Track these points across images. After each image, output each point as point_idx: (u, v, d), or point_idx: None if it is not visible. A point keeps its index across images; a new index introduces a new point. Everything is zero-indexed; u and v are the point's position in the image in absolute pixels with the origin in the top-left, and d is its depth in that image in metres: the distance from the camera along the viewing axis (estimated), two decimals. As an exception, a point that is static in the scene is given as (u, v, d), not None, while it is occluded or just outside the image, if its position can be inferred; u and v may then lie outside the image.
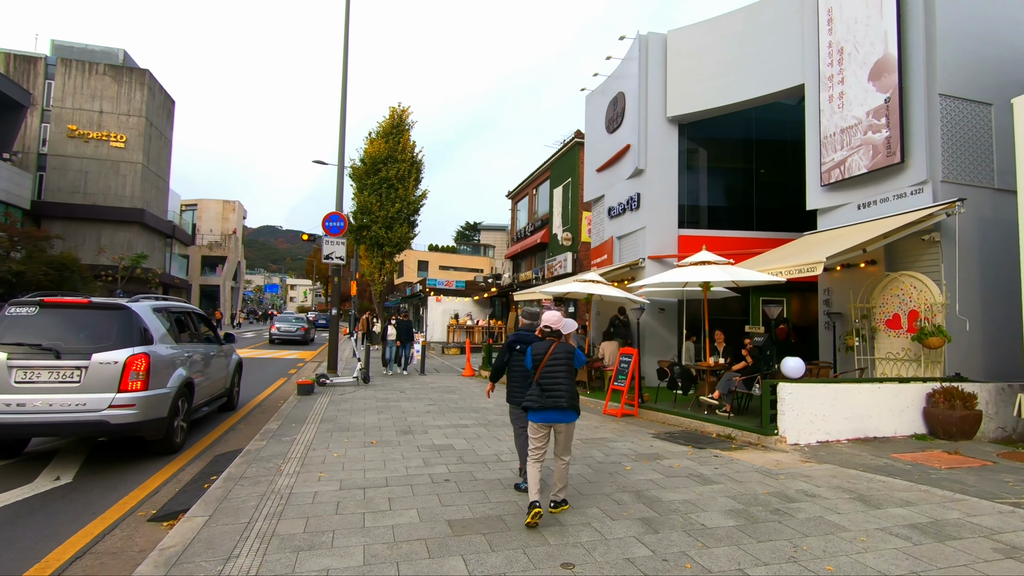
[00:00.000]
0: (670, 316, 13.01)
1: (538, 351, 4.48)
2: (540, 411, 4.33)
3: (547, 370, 4.37)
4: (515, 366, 4.97)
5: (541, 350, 4.46)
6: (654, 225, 13.08)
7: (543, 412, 4.33)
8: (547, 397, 4.30)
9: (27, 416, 5.43)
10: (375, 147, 27.51)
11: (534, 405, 4.35)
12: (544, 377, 4.36)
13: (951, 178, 8.73)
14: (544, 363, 4.38)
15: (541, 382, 4.35)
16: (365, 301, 67.96)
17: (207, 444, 7.07)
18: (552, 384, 4.34)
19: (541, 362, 4.40)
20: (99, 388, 5.63)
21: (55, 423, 5.53)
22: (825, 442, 7.09)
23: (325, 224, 12.78)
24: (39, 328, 5.81)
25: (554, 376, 4.36)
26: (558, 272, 22.59)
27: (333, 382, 11.90)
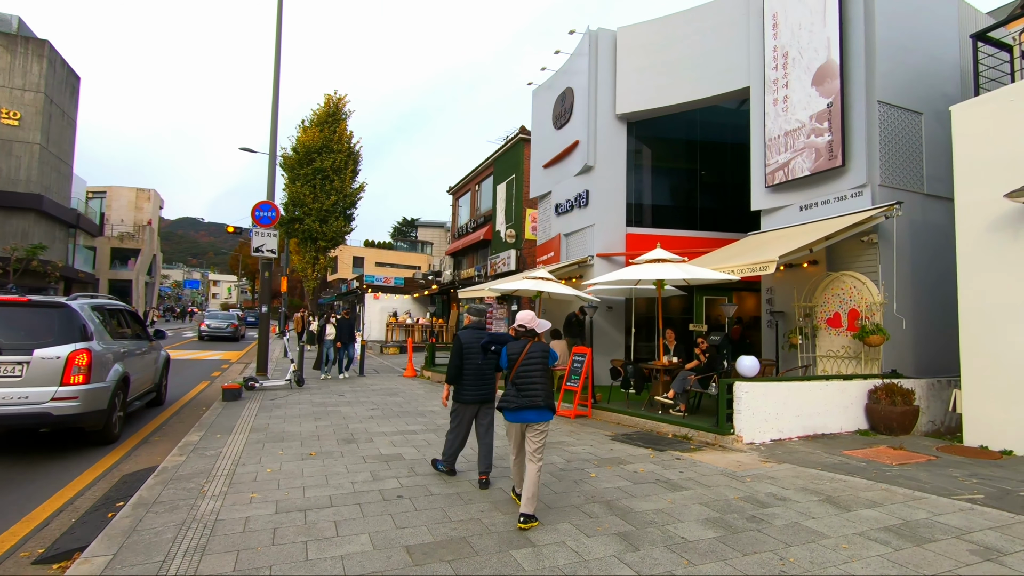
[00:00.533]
0: (618, 314, 12.95)
1: (513, 350, 4.46)
2: (516, 411, 4.29)
3: (523, 369, 4.35)
4: (468, 364, 4.98)
5: (516, 349, 4.45)
6: (603, 222, 12.97)
7: (519, 412, 4.28)
8: (523, 396, 4.27)
9: None
10: (309, 136, 26.10)
11: (510, 405, 4.29)
12: (520, 376, 4.34)
13: (887, 182, 9.09)
14: (520, 362, 4.37)
15: (516, 381, 4.33)
16: (296, 298, 64.95)
17: (115, 460, 6.14)
18: (528, 383, 4.31)
19: (517, 361, 4.38)
20: (41, 382, 5.92)
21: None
22: (778, 440, 7.12)
23: (255, 214, 11.76)
24: None
25: (529, 375, 4.33)
26: (501, 270, 22.25)
27: (263, 385, 10.94)
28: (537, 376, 4.33)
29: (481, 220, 26.25)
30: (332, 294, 39.77)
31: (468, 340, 5.05)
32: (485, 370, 5.07)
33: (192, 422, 7.88)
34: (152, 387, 8.96)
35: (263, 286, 12.12)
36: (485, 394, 5.10)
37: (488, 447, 5.16)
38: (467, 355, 5.01)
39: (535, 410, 4.26)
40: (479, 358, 5.01)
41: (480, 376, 5.04)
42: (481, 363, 5.03)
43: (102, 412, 6.40)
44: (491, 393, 5.16)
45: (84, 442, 6.69)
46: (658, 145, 14.09)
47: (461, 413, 5.12)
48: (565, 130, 14.51)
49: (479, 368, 5.02)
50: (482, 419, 5.18)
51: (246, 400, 9.61)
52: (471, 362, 5.00)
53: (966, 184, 7.20)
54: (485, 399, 5.12)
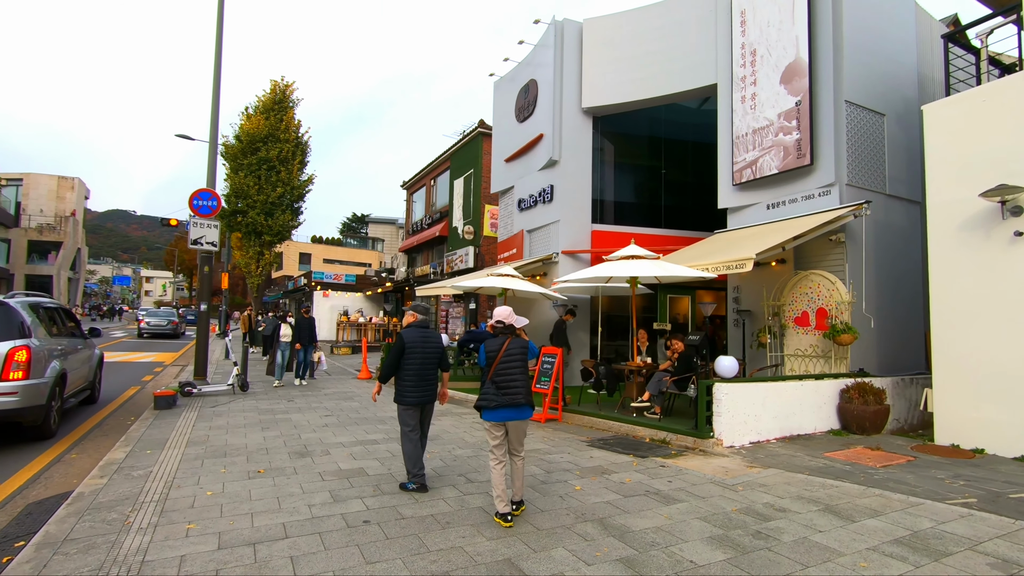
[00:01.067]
0: (583, 313, 12.64)
1: (491, 348, 4.34)
2: (497, 410, 4.20)
3: (502, 367, 4.26)
4: (409, 363, 4.80)
5: (495, 347, 4.33)
6: (568, 219, 12.63)
7: (500, 411, 4.20)
8: (504, 395, 4.18)
9: None
10: (253, 124, 24.60)
11: (490, 404, 4.19)
12: (499, 375, 4.24)
13: (854, 182, 9.13)
14: (499, 360, 4.27)
15: (496, 380, 4.23)
16: (238, 296, 61.82)
17: (20, 483, 5.22)
18: (508, 381, 4.22)
19: (496, 359, 4.28)
20: None
21: None
22: (757, 442, 6.93)
23: (193, 203, 10.70)
24: None
25: (509, 373, 4.25)
26: (459, 267, 21.64)
27: (202, 391, 9.95)
28: (517, 373, 4.25)
29: (437, 216, 25.52)
30: (278, 292, 37.94)
31: (411, 339, 4.84)
32: (428, 369, 4.88)
33: (117, 435, 6.94)
34: (87, 384, 8.91)
35: (202, 282, 11.07)
36: (429, 394, 4.92)
37: (424, 446, 5.02)
38: (409, 354, 4.79)
39: (515, 408, 4.20)
40: (421, 357, 4.83)
41: (423, 376, 4.84)
42: (423, 362, 4.83)
43: (41, 407, 6.53)
44: (435, 393, 5.00)
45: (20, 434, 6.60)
46: (623, 141, 13.88)
47: (409, 416, 4.87)
48: (529, 123, 14.09)
49: (421, 368, 4.82)
50: (425, 420, 5.02)
51: (182, 408, 8.66)
52: (412, 362, 4.79)
53: (938, 184, 7.23)
54: (429, 399, 4.94)
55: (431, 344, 4.93)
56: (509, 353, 4.29)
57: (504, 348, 4.28)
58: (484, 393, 4.23)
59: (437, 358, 4.95)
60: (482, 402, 4.23)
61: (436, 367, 4.96)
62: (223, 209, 24.78)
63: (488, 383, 4.24)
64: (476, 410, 4.31)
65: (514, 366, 4.27)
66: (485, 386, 4.26)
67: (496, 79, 16.10)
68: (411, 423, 4.86)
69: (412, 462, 4.84)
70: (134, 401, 9.86)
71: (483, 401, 4.22)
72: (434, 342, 4.96)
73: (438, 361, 4.97)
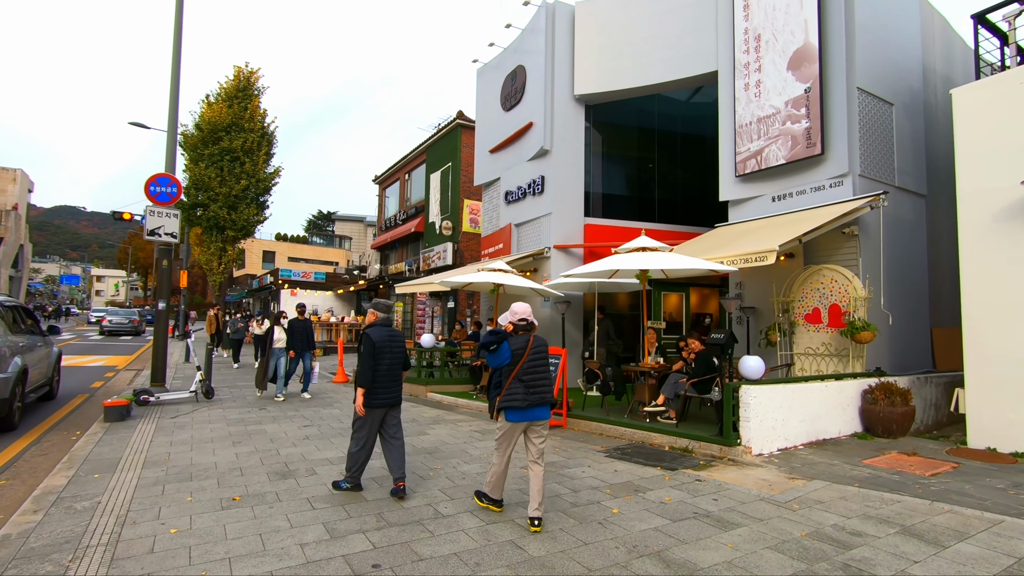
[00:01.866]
0: (576, 311, 12.01)
1: (517, 345, 4.14)
2: (527, 409, 4.05)
3: (529, 365, 4.11)
4: (380, 364, 4.59)
5: (520, 344, 4.15)
6: (561, 211, 11.97)
7: (530, 410, 4.06)
8: (533, 393, 4.06)
9: None
10: (215, 112, 23.17)
11: (520, 404, 4.02)
12: (527, 372, 4.09)
13: (867, 173, 8.75)
14: (525, 358, 4.11)
15: (524, 378, 4.08)
16: (197, 295, 59.09)
17: (-72, 523, 4.21)
18: (536, 380, 4.11)
19: (522, 357, 4.10)
20: None
21: None
22: (786, 449, 6.40)
23: (149, 189, 9.59)
24: None
25: (536, 371, 4.13)
26: (437, 264, 20.77)
27: (161, 399, 8.88)
28: (544, 370, 4.17)
29: (412, 211, 24.54)
30: (241, 290, 36.23)
31: (380, 338, 4.64)
32: (395, 370, 4.74)
33: (59, 454, 5.92)
34: (45, 380, 8.95)
35: (160, 278, 9.96)
36: (395, 396, 4.75)
37: (401, 449, 4.75)
38: (380, 355, 4.60)
39: (543, 407, 4.11)
40: (391, 357, 4.68)
41: (391, 377, 4.68)
42: (392, 362, 4.69)
43: (4, 401, 6.70)
44: (400, 394, 4.81)
45: None
46: (615, 132, 13.32)
47: (369, 419, 4.61)
48: (516, 111, 13.38)
49: (389, 368, 4.65)
50: (390, 422, 4.77)
51: (137, 419, 7.62)
52: (383, 362, 4.60)
53: (969, 172, 6.84)
54: (395, 401, 4.75)
55: (397, 343, 4.79)
56: (536, 350, 4.17)
57: (530, 345, 4.14)
58: (511, 393, 4.03)
59: (402, 358, 4.83)
60: (508, 402, 4.02)
61: (401, 367, 4.82)
62: (182, 202, 23.30)
63: (515, 382, 4.05)
64: (498, 412, 4.12)
65: (542, 363, 4.17)
66: (512, 386, 4.05)
67: (479, 66, 15.33)
68: (370, 427, 4.62)
69: (354, 464, 4.64)
70: (81, 412, 8.71)
71: (510, 401, 4.02)
72: (400, 341, 4.84)
73: (403, 361, 4.84)
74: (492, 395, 4.16)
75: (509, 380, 4.05)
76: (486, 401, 9.51)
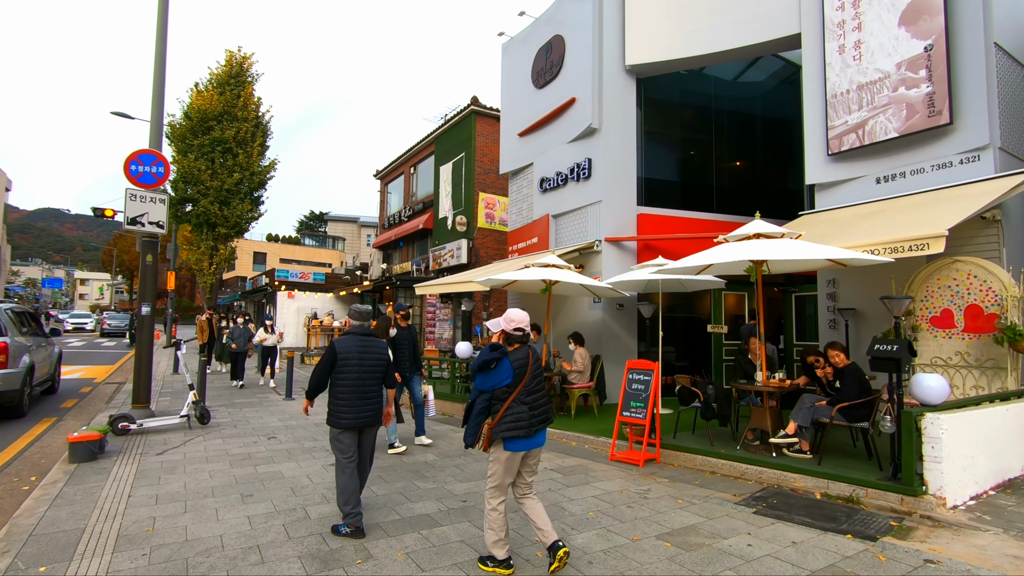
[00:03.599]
0: (628, 314, 10.43)
1: (519, 360, 3.46)
2: (533, 437, 3.43)
3: (533, 383, 3.49)
4: (343, 377, 4.08)
5: (521, 359, 3.47)
6: (612, 199, 10.38)
7: (536, 437, 3.46)
8: (537, 416, 3.45)
9: None
10: (205, 99, 21.35)
11: (526, 431, 3.36)
12: (530, 392, 3.47)
13: (1008, 146, 7.25)
14: (528, 375, 3.46)
15: (527, 400, 3.43)
16: (185, 299, 56.86)
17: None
18: (539, 400, 3.50)
19: (525, 374, 3.45)
20: None
21: None
22: (978, 497, 4.85)
23: (130, 168, 7.86)
24: None
25: (538, 390, 3.52)
26: (450, 263, 19.11)
27: (144, 426, 7.15)
28: (543, 387, 3.60)
29: (419, 207, 22.86)
30: (234, 292, 34.31)
31: (346, 348, 4.14)
32: (368, 385, 4.14)
33: (1, 518, 4.21)
34: (48, 376, 9.97)
35: (144, 276, 8.22)
36: (370, 415, 4.14)
37: (365, 479, 4.26)
38: (343, 367, 4.10)
39: (544, 430, 3.55)
40: (359, 370, 4.13)
41: (362, 392, 4.11)
42: (362, 376, 4.13)
43: (16, 391, 7.84)
44: (377, 413, 4.22)
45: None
46: (668, 110, 11.74)
47: (344, 442, 4.09)
48: (552, 88, 11.81)
49: (359, 383, 4.11)
50: (365, 444, 4.23)
51: (114, 457, 5.92)
52: (348, 375, 4.10)
53: None
54: (370, 420, 4.15)
55: (372, 354, 4.21)
56: (536, 367, 3.57)
57: (531, 360, 3.53)
58: (514, 418, 3.37)
59: (380, 371, 4.23)
60: (512, 429, 3.35)
61: (379, 383, 4.23)
62: (169, 197, 21.43)
63: (516, 405, 3.40)
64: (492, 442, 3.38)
65: (541, 380, 3.60)
66: (513, 409, 3.38)
67: (505, 40, 13.74)
68: (347, 451, 4.08)
69: (346, 498, 3.98)
70: (44, 443, 6.98)
71: (513, 428, 3.35)
72: (375, 352, 4.24)
73: (381, 375, 4.24)
74: (475, 422, 3.42)
75: (508, 402, 3.39)
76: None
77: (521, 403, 3.41)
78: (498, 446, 3.38)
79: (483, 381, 3.39)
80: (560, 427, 7.74)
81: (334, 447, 4.10)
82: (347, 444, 4.05)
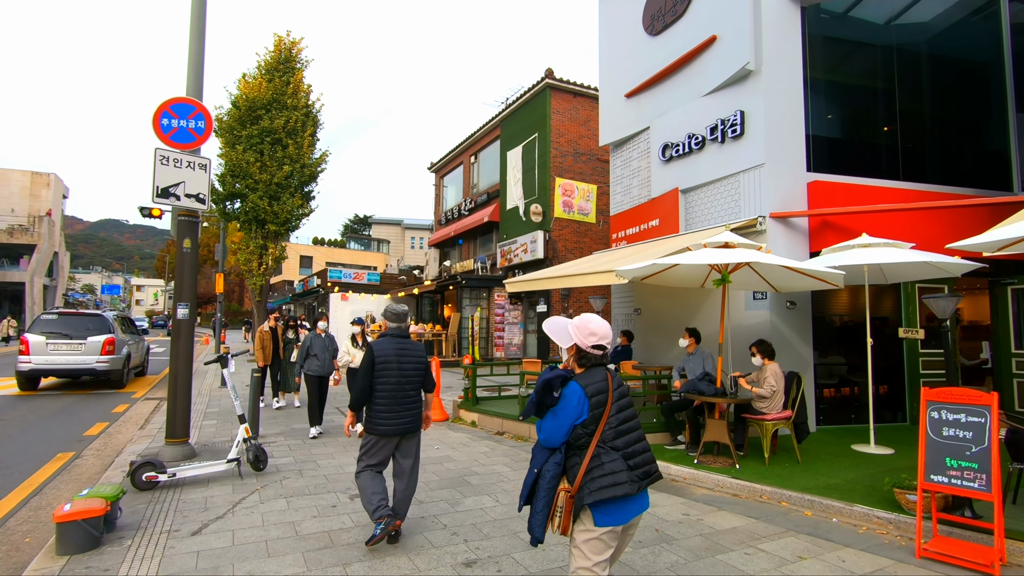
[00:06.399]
0: (800, 314, 7.85)
1: (595, 387, 2.33)
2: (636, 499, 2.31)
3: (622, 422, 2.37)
4: (382, 383, 3.81)
5: (598, 385, 2.34)
6: (776, 162, 7.85)
7: (638, 500, 2.33)
8: (635, 468, 2.31)
9: (54, 365, 11.00)
10: (253, 87, 19.77)
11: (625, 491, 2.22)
12: (620, 433, 2.34)
13: None
14: (609, 409, 2.33)
15: (619, 445, 2.32)
16: (234, 303, 56.69)
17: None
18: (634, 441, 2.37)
19: (606, 407, 2.33)
20: (91, 352, 11.18)
21: (68, 368, 11.15)
22: None
23: (161, 123, 5.86)
24: (60, 324, 11.34)
25: (630, 430, 2.39)
26: (522, 258, 16.85)
27: (178, 476, 5.06)
28: (638, 428, 2.43)
29: (482, 199, 20.72)
30: (282, 296, 33.13)
31: (384, 352, 3.85)
32: (407, 390, 3.87)
33: None
34: (140, 363, 14.28)
35: (181, 267, 6.20)
36: (409, 421, 3.86)
37: (412, 489, 3.94)
38: (381, 372, 3.81)
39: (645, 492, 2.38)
40: (397, 375, 3.82)
41: (401, 398, 3.83)
42: (401, 381, 3.82)
43: (119, 371, 11.70)
44: (417, 420, 3.93)
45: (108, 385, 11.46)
46: (840, 51, 9.06)
47: (377, 448, 3.82)
48: (674, 32, 9.38)
49: (399, 388, 3.82)
50: (404, 454, 3.91)
51: (127, 539, 3.81)
52: (387, 381, 3.81)
53: None
54: (409, 428, 3.86)
55: (410, 358, 3.92)
56: (621, 395, 2.40)
57: (612, 386, 2.36)
58: (604, 472, 2.23)
59: (419, 376, 3.95)
60: (607, 489, 2.20)
61: (418, 388, 3.96)
62: (217, 193, 19.95)
63: (603, 452, 2.27)
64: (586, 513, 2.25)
65: (633, 416, 2.42)
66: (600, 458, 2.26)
67: (604, -15, 11.37)
68: (379, 457, 3.82)
69: (368, 496, 3.72)
70: (46, 495, 4.99)
71: (609, 488, 2.20)
72: (414, 356, 3.94)
73: (420, 380, 3.97)
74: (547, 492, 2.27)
75: (590, 451, 2.25)
76: (711, 468, 5.56)
77: (610, 447, 2.30)
78: (585, 524, 2.25)
79: (550, 424, 2.29)
80: (749, 477, 5.31)
81: (364, 452, 3.86)
82: (383, 454, 3.84)
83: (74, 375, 11.54)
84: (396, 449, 3.91)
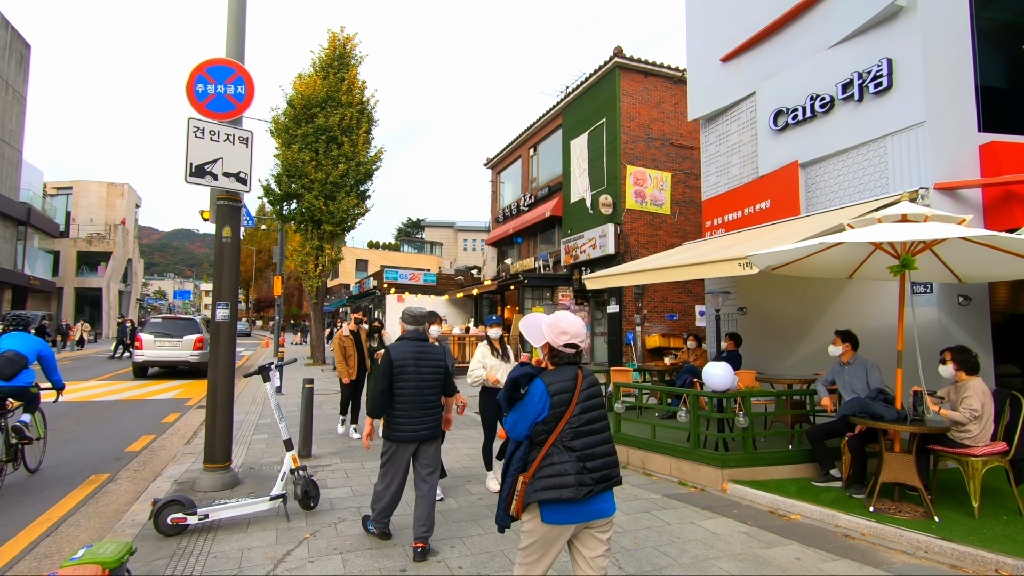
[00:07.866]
0: (975, 312, 6.16)
1: (558, 386, 2.30)
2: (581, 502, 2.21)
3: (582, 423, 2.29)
4: (401, 387, 3.69)
5: (564, 383, 2.32)
6: (938, 121, 6.21)
7: (588, 502, 2.23)
8: (590, 471, 2.23)
9: (159, 358, 14.16)
10: (308, 85, 19.33)
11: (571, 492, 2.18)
12: (580, 435, 2.28)
13: None
14: (573, 409, 2.29)
15: (573, 445, 2.26)
16: (293, 307, 57.85)
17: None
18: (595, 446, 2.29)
19: (569, 405, 2.29)
20: (186, 348, 14.26)
21: (171, 360, 14.22)
22: None
23: (196, 88, 4.94)
24: (164, 326, 14.64)
25: (595, 430, 2.32)
26: (590, 255, 15.49)
27: (211, 517, 4.05)
28: (605, 431, 2.36)
29: (543, 193, 19.49)
30: (340, 298, 33.01)
31: (401, 355, 3.73)
32: (426, 394, 3.75)
33: None
34: None
35: (220, 259, 5.26)
36: (428, 427, 3.75)
37: (431, 502, 3.71)
38: (399, 376, 3.70)
39: (609, 493, 2.32)
40: (416, 379, 3.72)
41: (420, 403, 3.72)
42: (419, 385, 3.72)
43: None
44: (436, 426, 3.82)
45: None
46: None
47: (396, 455, 3.75)
48: (788, -25, 7.82)
49: (417, 392, 3.72)
50: (423, 461, 3.81)
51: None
52: (405, 385, 3.69)
53: None
54: (428, 435, 3.75)
55: (429, 361, 3.81)
56: (589, 396, 2.34)
57: (579, 388, 2.32)
58: (555, 472, 2.21)
59: (438, 379, 3.84)
60: (551, 491, 2.19)
61: (437, 392, 3.85)
62: (272, 192, 19.60)
63: (557, 451, 2.24)
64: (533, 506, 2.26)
65: (600, 417, 2.35)
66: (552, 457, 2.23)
67: (691, -64, 9.89)
68: (398, 464, 3.75)
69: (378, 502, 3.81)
70: (60, 536, 4.11)
71: (553, 489, 2.19)
72: (432, 359, 3.83)
73: (440, 383, 3.87)
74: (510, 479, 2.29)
75: (545, 447, 2.24)
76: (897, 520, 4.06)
77: (564, 447, 2.24)
78: (533, 512, 2.22)
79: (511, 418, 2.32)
80: (960, 537, 3.78)
81: (383, 460, 3.77)
82: (398, 458, 3.73)
83: (173, 366, 14.57)
84: (415, 458, 3.81)
